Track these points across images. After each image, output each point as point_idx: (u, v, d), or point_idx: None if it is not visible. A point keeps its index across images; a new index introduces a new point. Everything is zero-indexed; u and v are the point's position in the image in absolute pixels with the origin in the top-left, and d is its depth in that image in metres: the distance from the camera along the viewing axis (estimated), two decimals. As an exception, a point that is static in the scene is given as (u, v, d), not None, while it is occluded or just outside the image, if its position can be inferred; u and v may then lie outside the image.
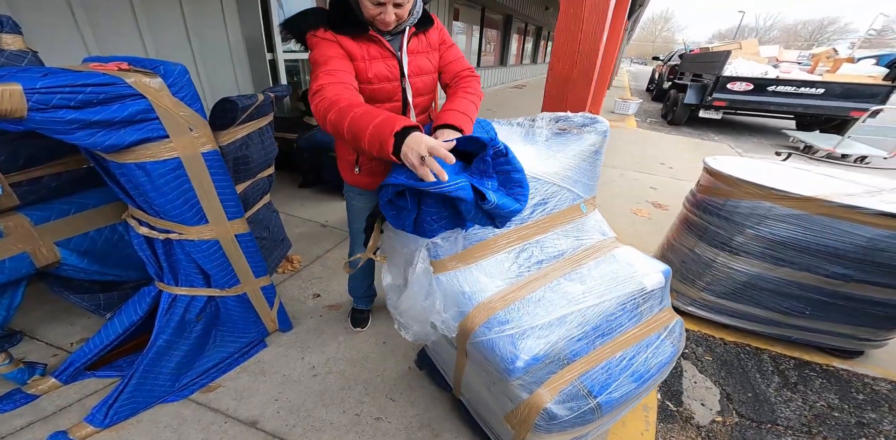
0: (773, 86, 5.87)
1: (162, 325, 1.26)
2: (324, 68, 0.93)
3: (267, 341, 1.58)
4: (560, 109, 1.50)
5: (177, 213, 1.07)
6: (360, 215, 1.27)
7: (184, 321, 1.30)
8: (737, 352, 1.73)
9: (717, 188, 1.66)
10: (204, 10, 2.73)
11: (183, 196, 1.04)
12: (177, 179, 1.00)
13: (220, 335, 1.45)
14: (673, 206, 3.27)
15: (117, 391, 1.21)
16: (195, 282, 1.28)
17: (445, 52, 1.16)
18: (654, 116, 8.49)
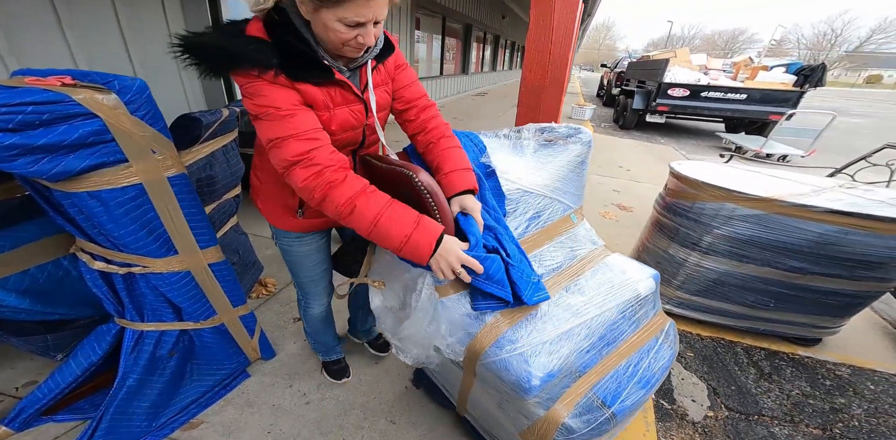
0: (705, 92, 6.53)
1: (129, 364, 1.13)
2: (293, 125, 0.73)
3: (249, 371, 1.47)
4: (534, 118, 1.54)
5: (140, 246, 0.94)
6: (308, 259, 1.10)
7: (155, 358, 1.17)
8: (714, 346, 1.82)
9: (684, 191, 1.76)
10: (143, 18, 2.47)
11: (147, 226, 0.92)
12: (139, 208, 0.88)
13: (198, 368, 1.32)
14: (636, 208, 3.45)
15: (86, 435, 1.08)
16: (164, 317, 1.15)
17: (399, 74, 0.97)
18: (607, 121, 9.05)
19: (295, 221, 1.00)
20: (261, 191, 1.01)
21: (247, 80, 0.71)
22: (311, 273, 1.14)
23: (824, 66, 6.15)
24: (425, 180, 0.79)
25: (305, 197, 0.76)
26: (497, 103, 10.15)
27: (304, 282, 1.16)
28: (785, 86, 6.28)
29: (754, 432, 1.38)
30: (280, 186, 0.94)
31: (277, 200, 0.97)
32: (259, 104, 0.72)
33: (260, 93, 0.72)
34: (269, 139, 0.73)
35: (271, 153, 0.74)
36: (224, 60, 0.68)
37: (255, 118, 0.74)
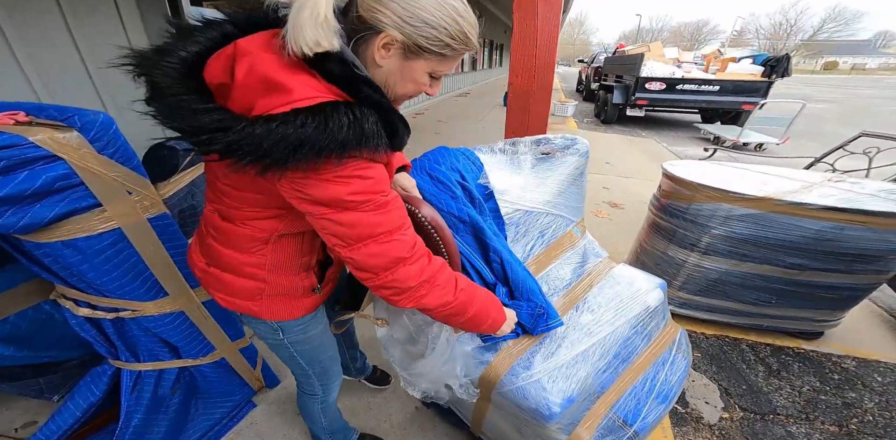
0: (680, 84, 6.72)
1: (132, 404, 1.08)
2: (400, 212, 0.60)
3: (255, 400, 1.42)
4: (523, 122, 1.51)
5: (126, 291, 0.88)
6: (326, 335, 0.90)
7: (157, 397, 1.12)
8: (720, 344, 1.82)
9: (679, 193, 1.76)
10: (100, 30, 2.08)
11: (131, 271, 0.86)
12: (120, 254, 0.82)
13: (203, 402, 1.27)
14: (627, 204, 3.46)
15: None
16: (161, 356, 1.10)
17: None
18: (589, 116, 9.14)
19: (311, 301, 0.79)
20: (272, 279, 0.72)
21: (337, 164, 0.50)
22: (331, 350, 0.93)
23: (788, 57, 6.38)
24: (429, 215, 0.75)
25: (407, 296, 0.62)
26: (480, 103, 10.16)
27: (326, 365, 0.93)
28: (754, 76, 6.47)
29: (772, 432, 1.37)
30: (294, 267, 0.73)
31: (288, 287, 0.74)
32: (362, 191, 0.53)
33: (363, 175, 0.53)
34: (374, 234, 0.56)
35: (367, 251, 0.57)
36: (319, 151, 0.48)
37: (339, 209, 0.54)
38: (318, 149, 0.47)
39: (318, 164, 0.49)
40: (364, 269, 0.60)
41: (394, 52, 0.55)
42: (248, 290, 0.73)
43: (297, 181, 0.52)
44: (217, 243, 0.71)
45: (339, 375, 1.00)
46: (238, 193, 0.63)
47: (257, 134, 0.45)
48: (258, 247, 0.69)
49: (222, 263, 0.72)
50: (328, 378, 0.96)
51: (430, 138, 5.89)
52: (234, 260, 0.70)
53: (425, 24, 0.52)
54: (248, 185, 0.60)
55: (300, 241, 0.72)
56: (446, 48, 0.56)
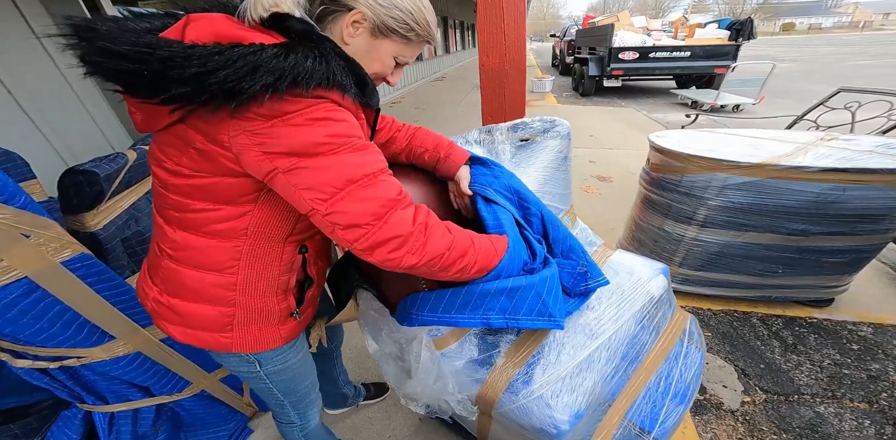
0: (653, 52, 6.85)
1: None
2: (379, 157, 0.55)
3: (251, 425, 1.34)
4: (500, 105, 1.40)
5: (61, 340, 0.77)
6: (307, 362, 0.83)
7: (138, 436, 1.04)
8: (729, 320, 1.76)
9: (670, 165, 1.66)
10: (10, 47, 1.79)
11: (59, 320, 0.74)
12: (38, 303, 0.69)
13: (193, 436, 1.19)
14: (616, 177, 3.38)
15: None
16: (130, 396, 1.00)
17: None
18: (567, 90, 9.08)
19: (289, 328, 0.70)
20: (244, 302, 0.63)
21: (307, 105, 0.48)
22: (311, 376, 0.86)
23: (752, 21, 6.52)
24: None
25: (411, 246, 0.54)
26: (456, 86, 9.96)
27: (304, 393, 0.85)
28: (721, 40, 6.71)
29: (799, 414, 1.30)
30: (270, 288, 0.64)
31: (263, 312, 0.66)
32: (338, 133, 0.50)
33: (335, 117, 0.50)
34: (356, 177, 0.51)
35: (354, 197, 0.50)
36: (279, 78, 0.44)
37: (313, 154, 0.49)
38: (279, 75, 0.44)
39: (282, 99, 0.46)
40: (355, 225, 0.51)
41: (362, 30, 0.57)
42: (214, 320, 0.64)
43: (261, 132, 0.47)
44: (175, 263, 0.61)
45: (317, 401, 0.92)
46: (196, 183, 0.54)
47: (210, 57, 0.43)
48: (228, 262, 0.60)
49: (182, 288, 0.62)
50: (306, 405, 0.87)
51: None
52: (198, 282, 0.61)
53: (394, 6, 0.56)
54: (205, 166, 0.52)
55: (278, 254, 0.63)
56: (411, 32, 0.59)
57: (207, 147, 0.50)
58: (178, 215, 0.58)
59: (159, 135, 0.54)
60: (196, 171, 0.53)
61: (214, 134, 0.49)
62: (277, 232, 0.61)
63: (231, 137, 0.48)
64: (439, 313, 0.63)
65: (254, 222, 0.58)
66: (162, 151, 0.54)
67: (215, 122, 0.48)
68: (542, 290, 0.65)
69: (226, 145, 0.49)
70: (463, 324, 0.63)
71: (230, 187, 0.54)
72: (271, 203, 0.58)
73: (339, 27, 0.56)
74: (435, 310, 0.64)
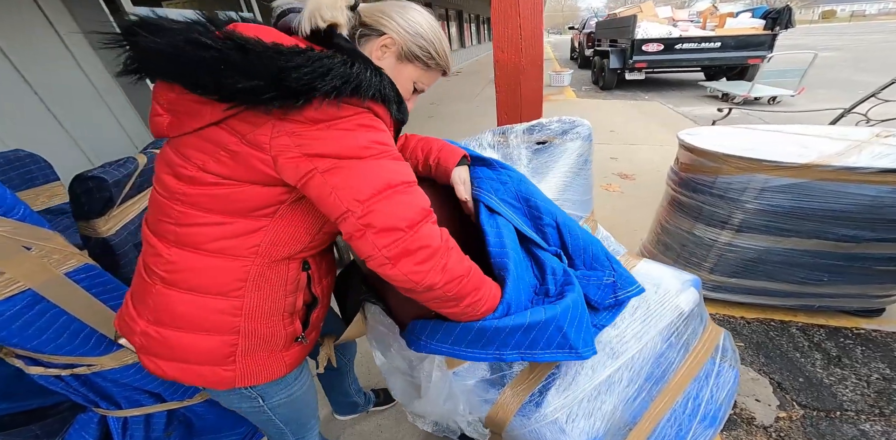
0: (679, 44, 6.60)
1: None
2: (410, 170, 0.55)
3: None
4: (515, 103, 1.33)
5: (70, 349, 0.78)
6: (311, 391, 0.80)
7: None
8: (764, 330, 1.64)
9: (702, 165, 1.55)
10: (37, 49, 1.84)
11: (66, 330, 0.75)
12: (43, 315, 0.70)
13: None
14: (638, 174, 3.22)
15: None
16: (143, 402, 1.01)
17: None
18: (587, 84, 8.78)
19: (294, 354, 0.66)
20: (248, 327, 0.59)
21: (357, 112, 0.50)
22: (312, 403, 0.82)
23: (790, 9, 6.20)
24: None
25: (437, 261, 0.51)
26: (471, 81, 9.78)
27: (304, 420, 0.82)
28: (756, 30, 6.38)
29: (841, 432, 1.19)
30: (277, 311, 0.61)
31: (268, 337, 0.61)
32: (379, 140, 0.51)
33: (379, 126, 0.52)
34: (394, 182, 0.50)
35: (395, 200, 0.50)
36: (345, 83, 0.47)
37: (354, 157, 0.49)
38: (345, 80, 0.47)
39: (339, 105, 0.48)
40: (391, 228, 0.49)
41: (389, 54, 0.62)
42: (215, 351, 0.58)
43: (306, 134, 0.48)
44: (168, 287, 0.56)
45: (316, 424, 0.88)
46: (217, 193, 0.52)
47: (293, 55, 0.45)
48: (233, 284, 0.56)
49: (176, 317, 0.56)
50: (306, 430, 0.84)
51: (424, 123, 5.68)
52: (196, 308, 0.56)
53: (420, 36, 0.61)
54: (236, 171, 0.51)
55: (286, 273, 0.60)
56: (431, 60, 0.64)
57: (242, 149, 0.49)
58: (177, 230, 0.54)
59: (184, 139, 0.52)
60: (224, 177, 0.51)
61: (254, 135, 0.48)
62: (288, 250, 0.58)
63: (272, 138, 0.48)
64: (448, 345, 0.59)
65: (267, 238, 0.55)
66: (183, 156, 0.52)
67: (259, 123, 0.48)
68: (563, 323, 0.59)
69: (264, 146, 0.48)
70: (473, 359, 0.59)
71: (253, 197, 0.52)
72: (288, 218, 0.56)
73: (368, 49, 0.60)
74: (444, 341, 0.60)
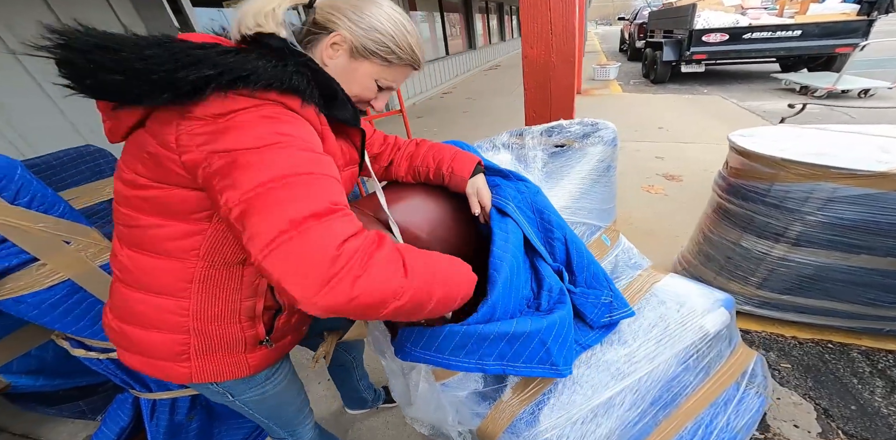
0: (748, 33, 5.96)
1: (153, 431, 1.12)
2: (320, 162, 0.46)
3: None
4: (544, 101, 1.26)
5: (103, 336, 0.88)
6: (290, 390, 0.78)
7: (175, 423, 1.15)
8: (819, 352, 1.46)
9: (756, 171, 1.38)
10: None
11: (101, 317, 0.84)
12: (81, 303, 0.78)
13: (222, 426, 1.29)
14: (686, 176, 2.95)
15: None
16: (170, 386, 1.12)
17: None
18: (637, 77, 8.20)
19: (258, 357, 0.64)
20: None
21: (255, 104, 0.45)
22: (296, 401, 0.82)
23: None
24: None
25: (330, 273, 0.38)
26: (510, 75, 9.45)
27: (290, 416, 0.82)
28: (848, 15, 5.58)
29: (890, 469, 1.06)
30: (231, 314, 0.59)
31: (225, 340, 0.60)
32: (276, 131, 0.45)
33: (284, 118, 0.46)
34: (288, 173, 0.42)
35: (273, 196, 0.41)
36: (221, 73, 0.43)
37: (248, 149, 0.43)
38: (221, 70, 0.43)
39: (226, 96, 0.44)
40: (267, 227, 0.39)
41: (342, 52, 0.58)
42: (168, 348, 0.58)
43: (205, 131, 0.44)
44: (127, 286, 0.58)
45: (307, 419, 0.87)
46: (147, 195, 0.51)
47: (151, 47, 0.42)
48: (179, 284, 0.55)
49: (134, 314, 0.58)
50: (294, 425, 0.84)
51: (459, 117, 5.60)
52: (148, 307, 0.56)
53: (374, 30, 0.57)
54: (158, 173, 0.49)
55: (237, 277, 0.57)
56: (391, 55, 0.59)
57: (158, 150, 0.47)
58: (126, 231, 0.55)
59: (126, 142, 0.53)
60: (153, 180, 0.49)
61: (163, 135, 0.46)
62: (233, 255, 0.55)
63: (177, 137, 0.45)
64: (432, 352, 0.59)
65: (207, 244, 0.53)
66: (122, 160, 0.53)
67: (167, 122, 0.46)
68: (547, 338, 0.57)
69: (171, 146, 0.45)
70: (455, 368, 0.58)
71: (183, 201, 0.50)
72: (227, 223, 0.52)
73: (320, 48, 0.58)
74: (428, 348, 0.60)
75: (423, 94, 7.37)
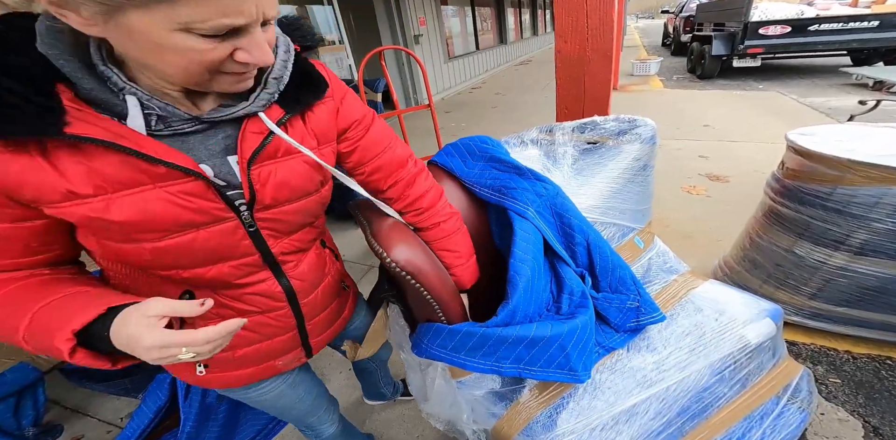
0: (815, 25, 5.48)
1: (186, 411, 1.21)
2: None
3: None
4: (578, 97, 1.21)
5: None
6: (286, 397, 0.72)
7: (206, 405, 1.23)
8: (874, 368, 1.34)
9: (816, 172, 1.26)
10: None
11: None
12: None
13: (249, 409, 1.37)
14: (735, 177, 2.74)
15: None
16: None
17: (361, 139, 0.59)
18: (680, 72, 7.70)
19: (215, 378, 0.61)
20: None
21: None
22: (300, 406, 0.76)
23: None
24: (402, 259, 0.56)
25: None
26: (541, 70, 9.14)
27: (301, 416, 0.79)
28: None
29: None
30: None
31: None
32: None
33: None
34: None
35: None
36: None
37: None
38: None
39: None
40: None
41: (90, 12, 0.32)
42: None
43: None
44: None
45: (326, 415, 0.84)
46: None
47: None
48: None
49: None
50: (310, 423, 0.82)
51: (488, 113, 5.49)
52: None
53: None
54: None
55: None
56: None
57: None
58: None
59: None
60: None
61: None
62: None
63: None
64: (448, 351, 0.59)
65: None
66: None
67: None
68: (567, 343, 0.56)
69: None
70: (471, 369, 0.58)
71: None
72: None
73: (67, 24, 0.34)
74: (444, 346, 0.60)
75: (452, 89, 7.28)
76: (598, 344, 0.72)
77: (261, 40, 0.38)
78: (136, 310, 0.39)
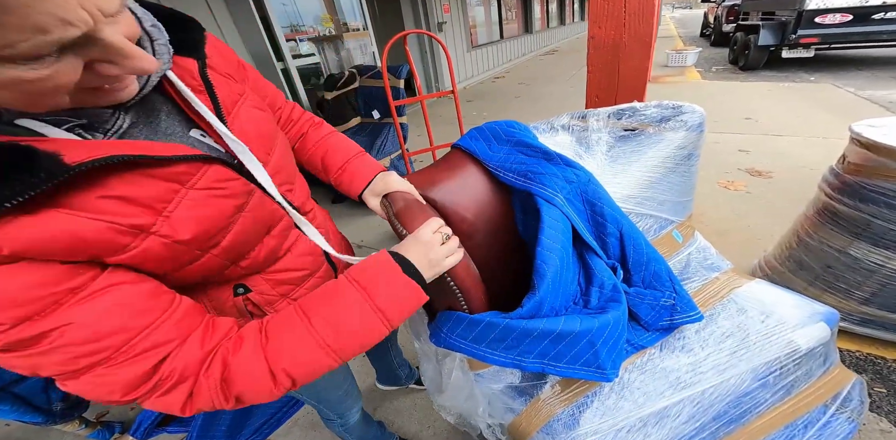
0: (881, 13, 5.00)
1: None
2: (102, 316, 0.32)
3: None
4: (611, 84, 1.14)
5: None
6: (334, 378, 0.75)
7: None
8: (928, 382, 1.23)
9: (884, 167, 1.14)
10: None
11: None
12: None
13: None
14: (778, 172, 2.56)
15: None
16: None
17: (251, 75, 0.57)
18: (721, 63, 7.25)
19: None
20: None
21: None
22: (341, 388, 0.79)
23: None
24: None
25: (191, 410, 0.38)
26: (568, 61, 8.82)
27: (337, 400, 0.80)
28: None
29: None
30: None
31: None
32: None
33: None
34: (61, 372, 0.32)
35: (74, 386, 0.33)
36: None
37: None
38: None
39: None
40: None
41: None
42: None
43: None
44: None
45: (355, 403, 0.86)
46: None
47: None
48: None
49: None
50: (342, 409, 0.83)
51: (511, 102, 5.36)
52: None
53: None
54: None
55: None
56: None
57: None
58: None
59: None
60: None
61: None
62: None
63: None
64: (468, 341, 0.57)
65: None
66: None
67: None
68: (597, 340, 0.52)
69: None
70: (491, 361, 0.55)
71: None
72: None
73: None
74: (465, 336, 0.57)
75: (474, 79, 7.15)
76: (627, 341, 0.68)
77: (119, 43, 0.29)
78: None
